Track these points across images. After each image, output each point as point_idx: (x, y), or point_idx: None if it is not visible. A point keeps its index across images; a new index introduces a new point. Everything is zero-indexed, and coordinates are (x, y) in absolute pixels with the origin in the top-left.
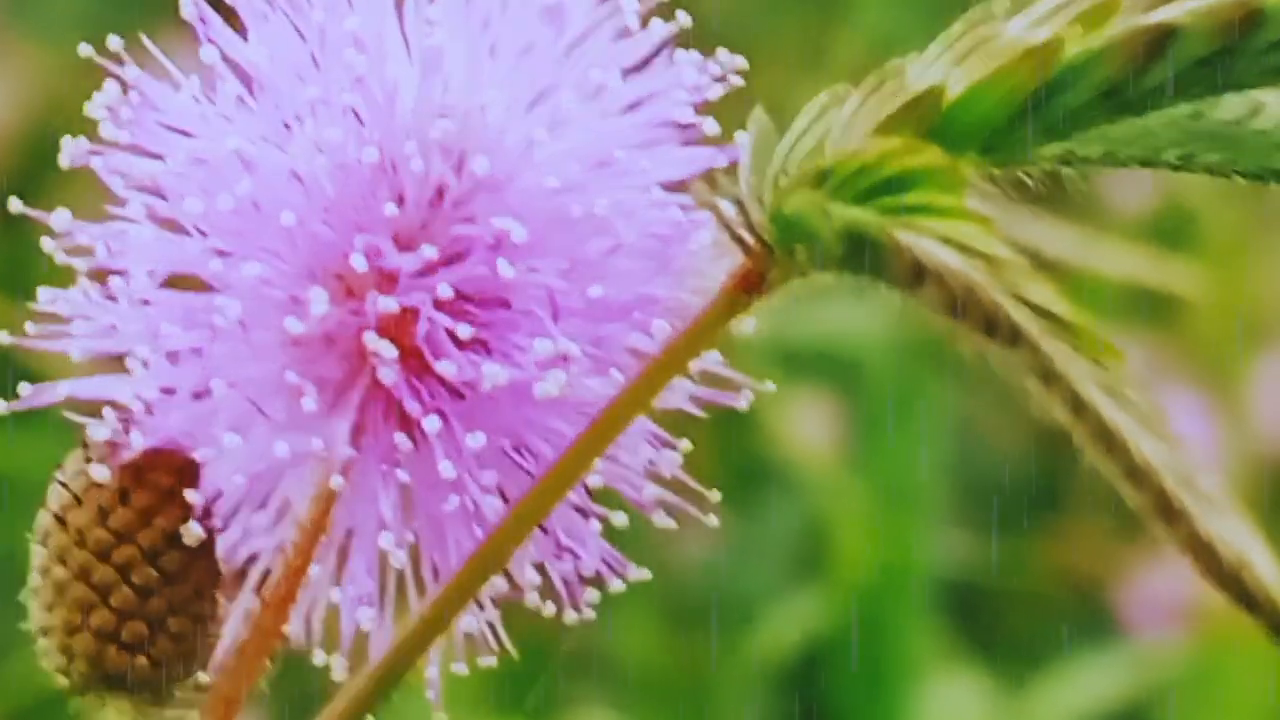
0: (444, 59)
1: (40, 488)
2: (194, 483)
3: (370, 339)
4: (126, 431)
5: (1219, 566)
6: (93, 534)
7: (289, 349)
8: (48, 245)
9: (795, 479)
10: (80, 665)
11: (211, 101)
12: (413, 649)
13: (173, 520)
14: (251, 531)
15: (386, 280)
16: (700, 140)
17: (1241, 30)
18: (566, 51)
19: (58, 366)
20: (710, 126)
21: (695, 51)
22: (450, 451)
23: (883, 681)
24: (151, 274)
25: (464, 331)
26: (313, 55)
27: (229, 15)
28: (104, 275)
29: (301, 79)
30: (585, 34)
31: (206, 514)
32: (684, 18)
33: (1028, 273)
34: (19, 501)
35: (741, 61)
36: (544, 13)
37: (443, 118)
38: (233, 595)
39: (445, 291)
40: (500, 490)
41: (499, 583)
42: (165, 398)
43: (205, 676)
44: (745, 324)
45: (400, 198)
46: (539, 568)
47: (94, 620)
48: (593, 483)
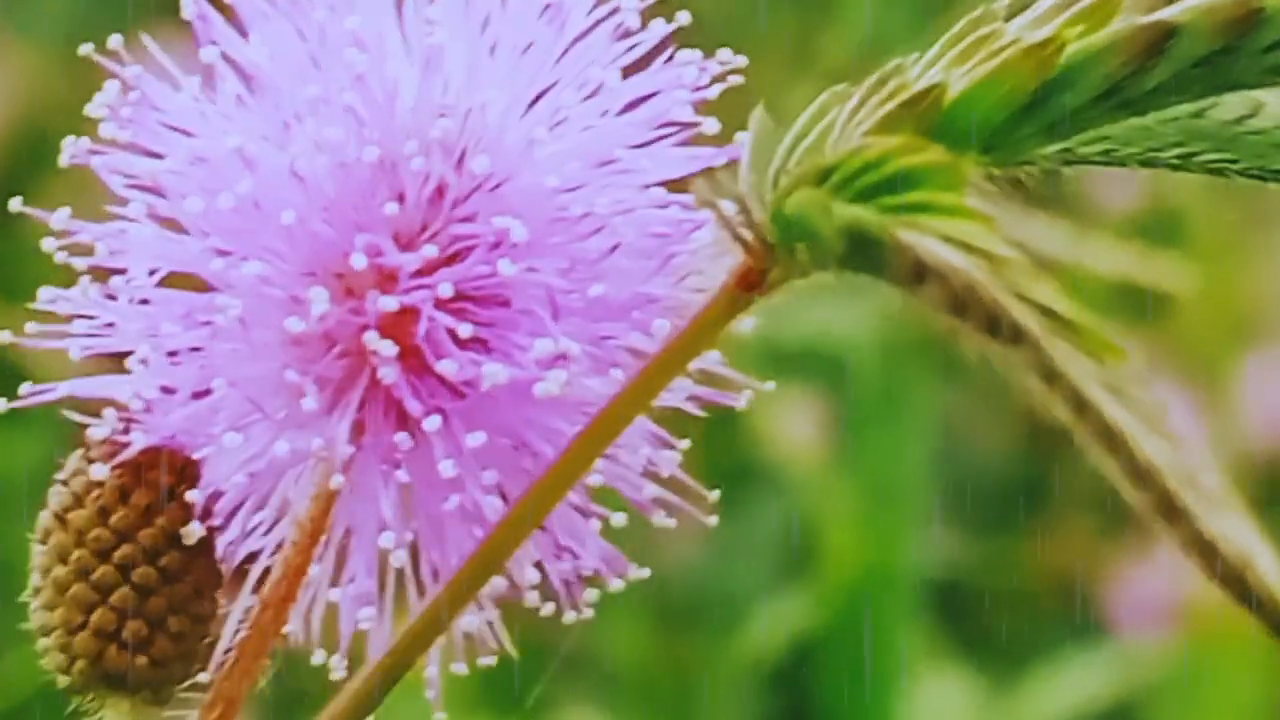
0: (444, 58)
1: (27, 488)
2: (194, 482)
3: (370, 338)
4: (127, 430)
5: (1222, 566)
6: (93, 533)
7: (289, 348)
8: (48, 244)
9: (782, 478)
10: (80, 664)
11: (211, 101)
12: (412, 648)
13: (173, 519)
14: (251, 531)
15: (387, 279)
16: (700, 139)
17: (1242, 29)
18: (566, 50)
19: (51, 367)
20: (710, 125)
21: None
22: (450, 450)
23: (870, 681)
24: (151, 273)
25: (464, 330)
26: (313, 54)
27: (228, 15)
28: (104, 274)
29: (302, 78)
30: (585, 33)
31: (206, 513)
32: (684, 17)
33: (1030, 271)
34: (7, 502)
35: (742, 60)
36: (544, 12)
37: (443, 117)
38: (232, 595)
39: (446, 290)
40: (500, 490)
41: (498, 582)
42: (165, 397)
43: (205, 676)
44: (745, 323)
45: (400, 197)
46: (538, 567)
47: (94, 619)
48: (592, 482)
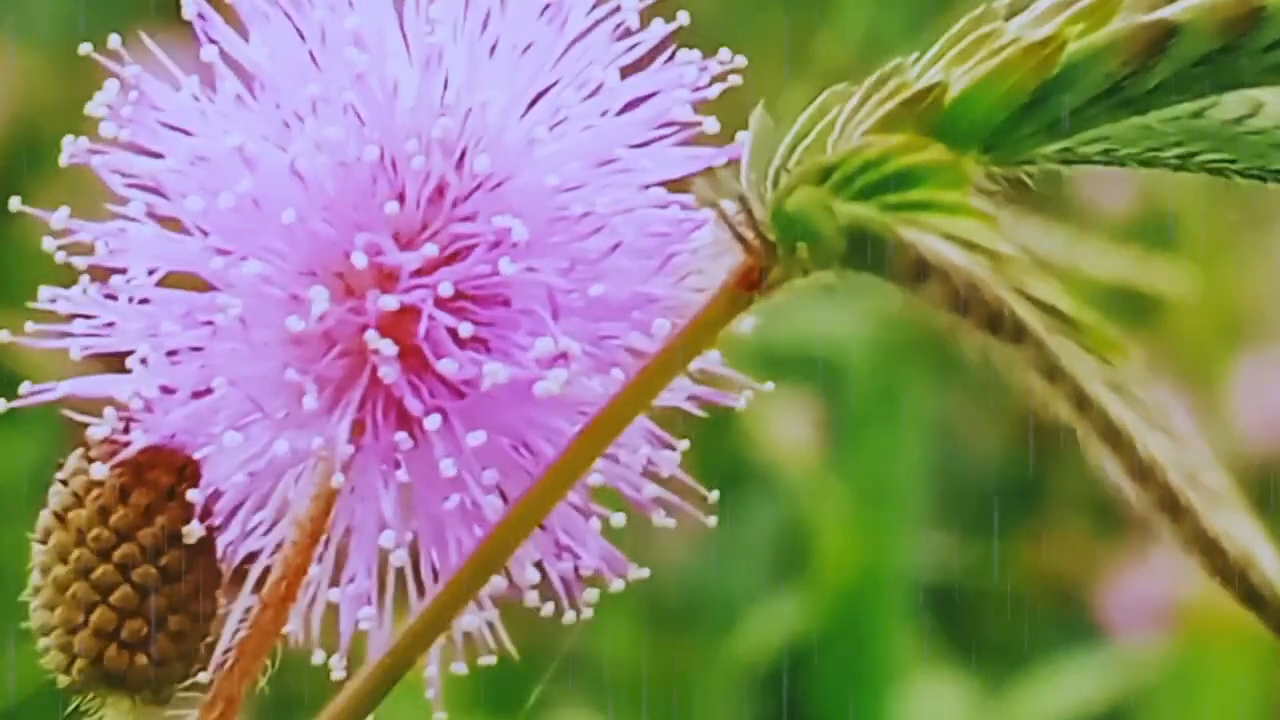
0: (444, 57)
1: (25, 488)
2: (194, 481)
3: (371, 337)
4: (127, 430)
5: (1224, 563)
6: (93, 532)
7: (289, 347)
8: (48, 244)
9: (777, 481)
10: (81, 663)
11: (211, 100)
12: (413, 648)
13: (173, 519)
14: (251, 530)
15: (387, 278)
16: (700, 139)
17: (1243, 28)
18: (566, 50)
19: (48, 367)
20: (710, 125)
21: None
22: (451, 450)
23: (864, 683)
24: (151, 272)
25: (465, 330)
26: (313, 54)
27: (228, 15)
28: (103, 273)
29: (302, 77)
30: (585, 32)
31: (206, 512)
32: (684, 17)
33: (1032, 269)
34: (3, 502)
35: (742, 60)
36: (544, 11)
37: (443, 116)
38: (232, 594)
39: (446, 290)
40: (500, 489)
41: (498, 582)
42: (165, 396)
43: (205, 675)
44: (745, 323)
45: (401, 196)
46: (538, 566)
47: (94, 619)
48: (592, 481)
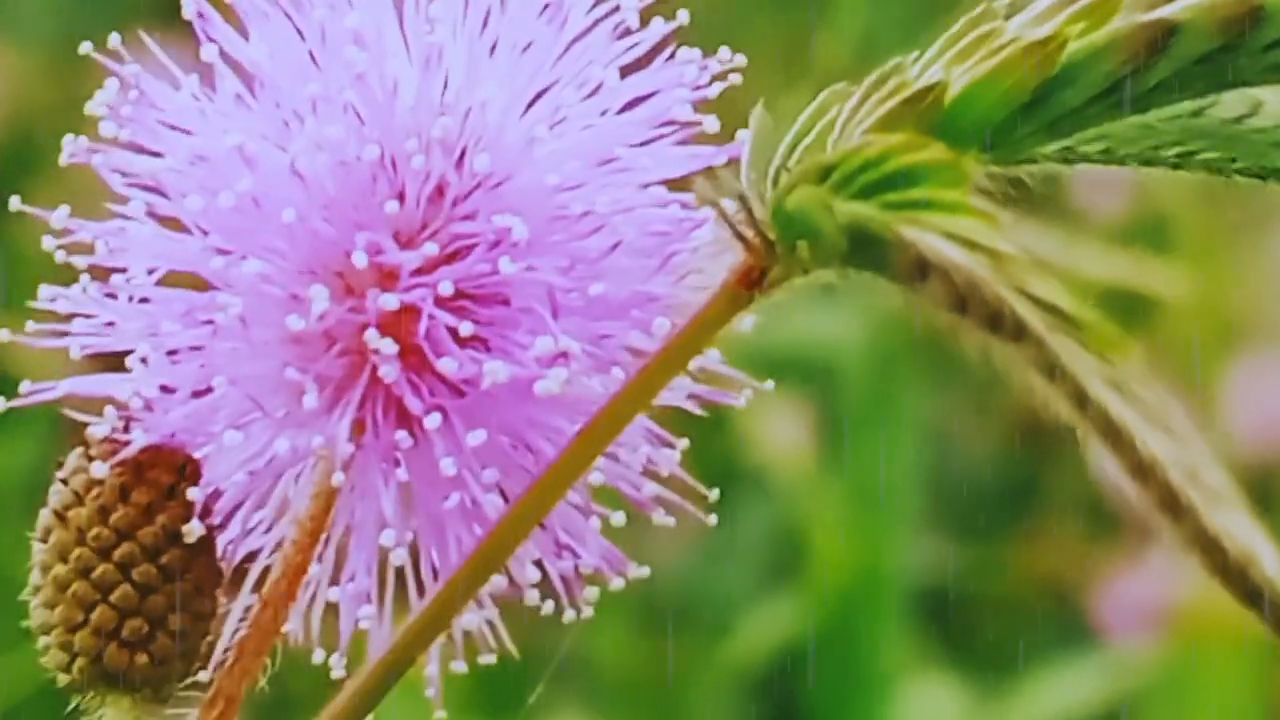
0: (444, 56)
1: (21, 488)
2: (194, 480)
3: (371, 336)
4: (127, 429)
5: (1225, 562)
6: (93, 531)
7: (290, 346)
8: (47, 243)
9: (771, 483)
10: (81, 662)
11: (211, 99)
12: (413, 647)
13: (173, 518)
14: (251, 529)
15: (387, 277)
16: (700, 138)
17: (1242, 27)
18: (566, 49)
19: (43, 366)
20: (710, 124)
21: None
22: (451, 449)
23: (857, 686)
24: (151, 271)
25: (465, 328)
26: (312, 53)
27: (227, 14)
28: (103, 273)
29: (302, 76)
30: (585, 32)
31: (207, 511)
32: (684, 16)
33: (1032, 268)
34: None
35: (742, 60)
36: (543, 10)
37: (443, 115)
38: (233, 593)
39: (446, 289)
40: (500, 488)
41: (498, 581)
42: (165, 395)
43: (205, 674)
44: (745, 322)
45: (401, 195)
46: (538, 565)
47: (95, 617)
48: (592, 480)
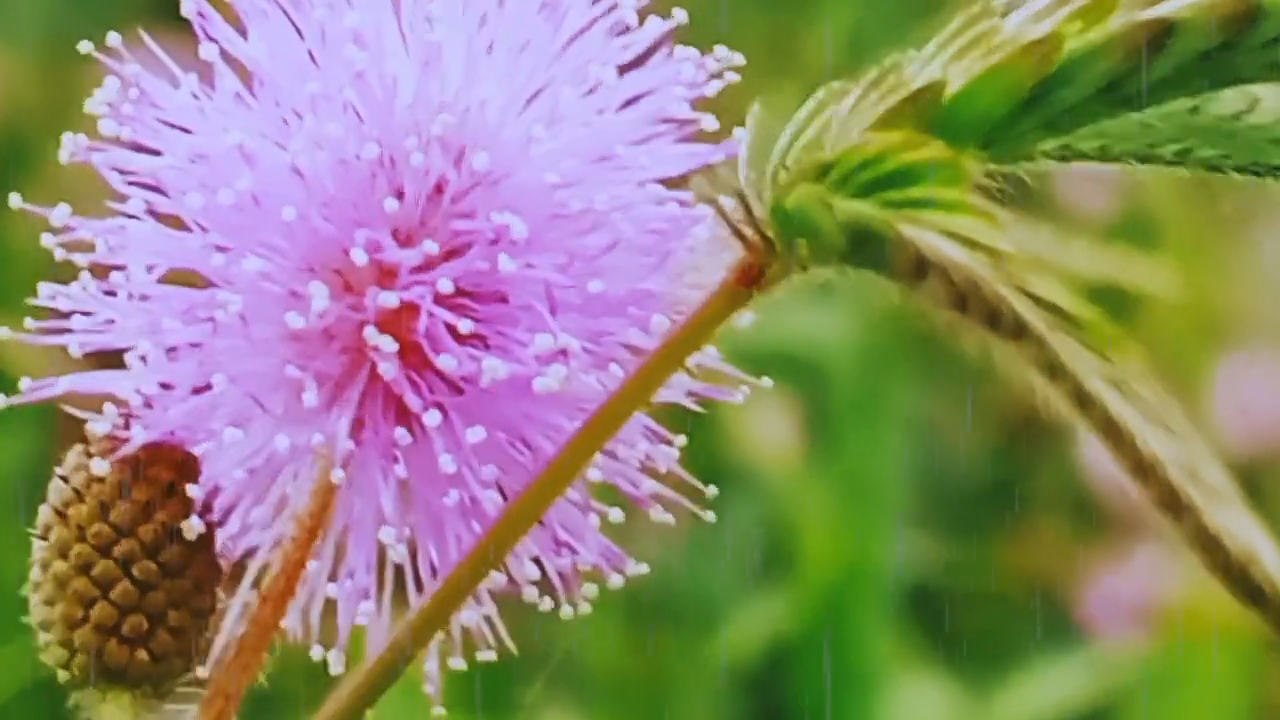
0: (443, 55)
1: (16, 485)
2: (194, 477)
3: (370, 334)
4: (127, 426)
5: (1226, 561)
6: (93, 528)
7: (289, 344)
8: (47, 241)
9: (758, 481)
10: (80, 659)
11: (210, 98)
12: (412, 643)
13: (173, 515)
14: (251, 526)
15: (386, 275)
16: (698, 136)
17: (1241, 25)
18: (564, 48)
19: (37, 364)
20: (709, 122)
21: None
22: (450, 446)
23: (845, 682)
24: (150, 269)
25: (464, 326)
26: (312, 51)
27: (226, 13)
28: (102, 270)
29: (301, 75)
30: (582, 30)
31: (206, 508)
32: (681, 14)
33: (1032, 267)
34: None
35: (739, 58)
36: (541, 9)
37: (442, 113)
38: (232, 589)
39: (445, 286)
40: (499, 485)
41: (497, 577)
42: (165, 392)
43: (204, 670)
44: (743, 319)
45: (400, 193)
46: (536, 562)
47: (94, 614)
48: (590, 477)
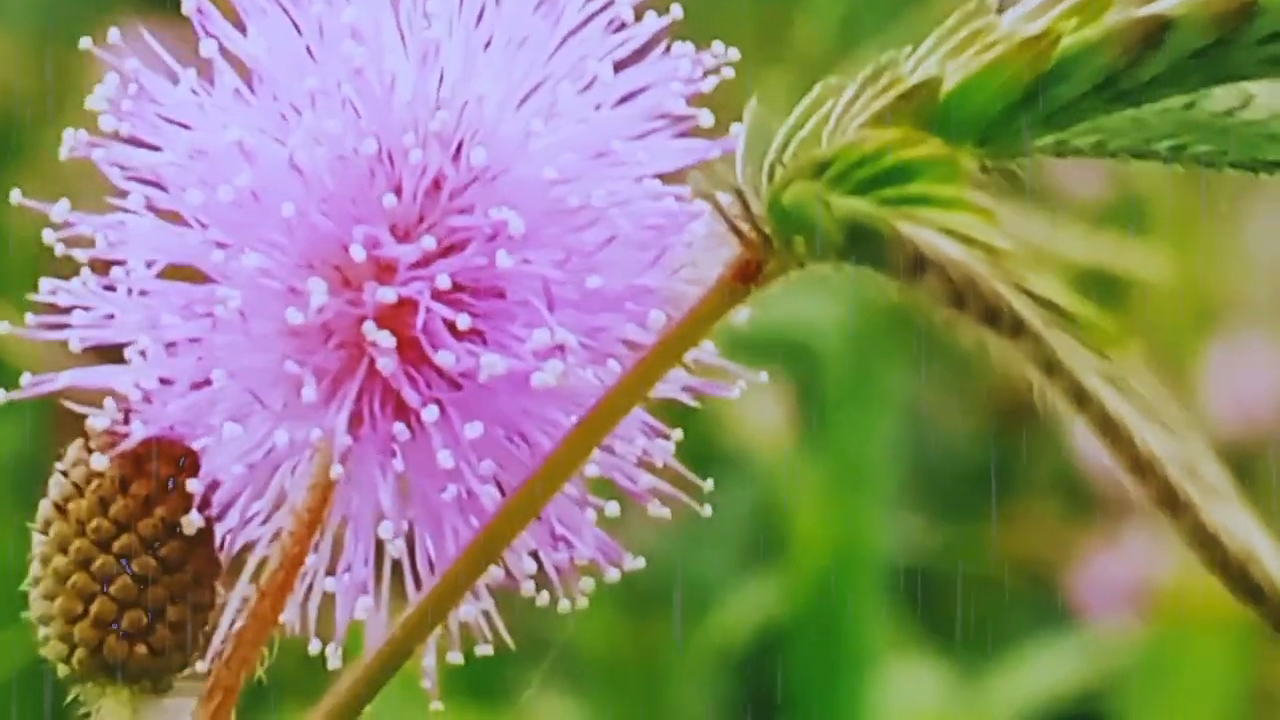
0: (440, 51)
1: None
2: (193, 472)
3: (369, 329)
4: (126, 421)
5: (1224, 559)
6: (93, 523)
7: (288, 339)
8: (47, 236)
9: (750, 464)
10: (80, 654)
11: (209, 94)
12: (410, 638)
13: (172, 509)
14: (249, 520)
15: (385, 271)
16: (694, 131)
17: (1236, 22)
18: (561, 44)
19: (31, 357)
20: (705, 118)
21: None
22: (448, 441)
23: (838, 666)
24: (150, 265)
25: (462, 322)
26: (310, 48)
27: (225, 9)
28: (103, 266)
29: (300, 71)
30: (579, 26)
31: (205, 503)
32: (677, 11)
33: (1029, 263)
34: None
35: (735, 54)
36: (538, 6)
37: (440, 109)
38: (230, 584)
39: (443, 282)
40: (497, 480)
41: (495, 572)
42: (164, 388)
43: (203, 664)
44: (740, 314)
45: (398, 189)
46: (533, 556)
47: (94, 608)
48: (587, 472)
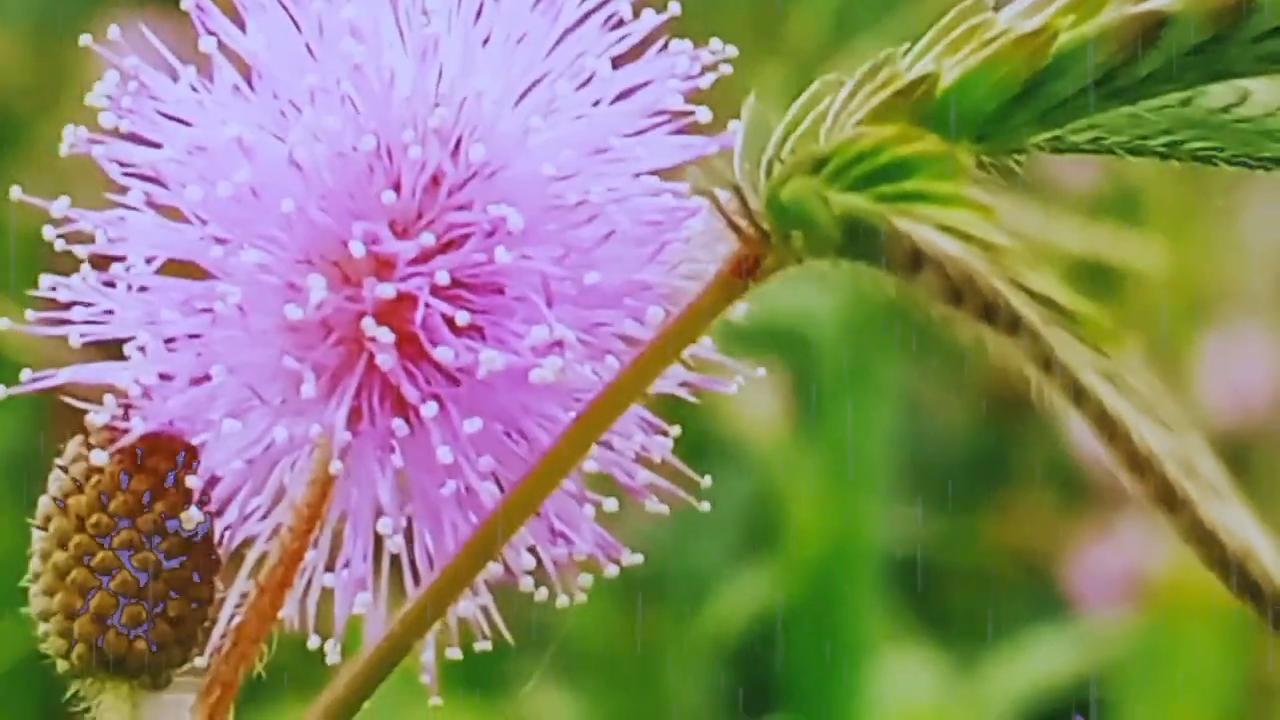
0: (439, 47)
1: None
2: (193, 468)
3: (368, 325)
4: (126, 417)
5: (1222, 556)
6: (93, 518)
7: (287, 335)
8: (47, 232)
9: (746, 455)
10: (80, 649)
11: (209, 90)
12: (409, 633)
13: (172, 505)
14: (249, 516)
15: (384, 267)
16: (692, 128)
17: (1233, 18)
18: (559, 40)
19: (27, 352)
20: (703, 114)
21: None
22: (447, 436)
23: (833, 656)
24: (149, 260)
25: (461, 317)
26: (309, 44)
27: (225, 6)
28: (102, 261)
29: (299, 67)
30: (578, 23)
31: (204, 499)
32: (675, 8)
33: (1027, 260)
34: None
35: (732, 50)
36: (537, 2)
37: (439, 106)
38: (229, 579)
39: (442, 278)
40: (496, 476)
41: (493, 567)
42: (164, 383)
43: (202, 660)
44: (738, 310)
45: (397, 185)
46: (532, 552)
47: (94, 604)
48: (585, 468)
